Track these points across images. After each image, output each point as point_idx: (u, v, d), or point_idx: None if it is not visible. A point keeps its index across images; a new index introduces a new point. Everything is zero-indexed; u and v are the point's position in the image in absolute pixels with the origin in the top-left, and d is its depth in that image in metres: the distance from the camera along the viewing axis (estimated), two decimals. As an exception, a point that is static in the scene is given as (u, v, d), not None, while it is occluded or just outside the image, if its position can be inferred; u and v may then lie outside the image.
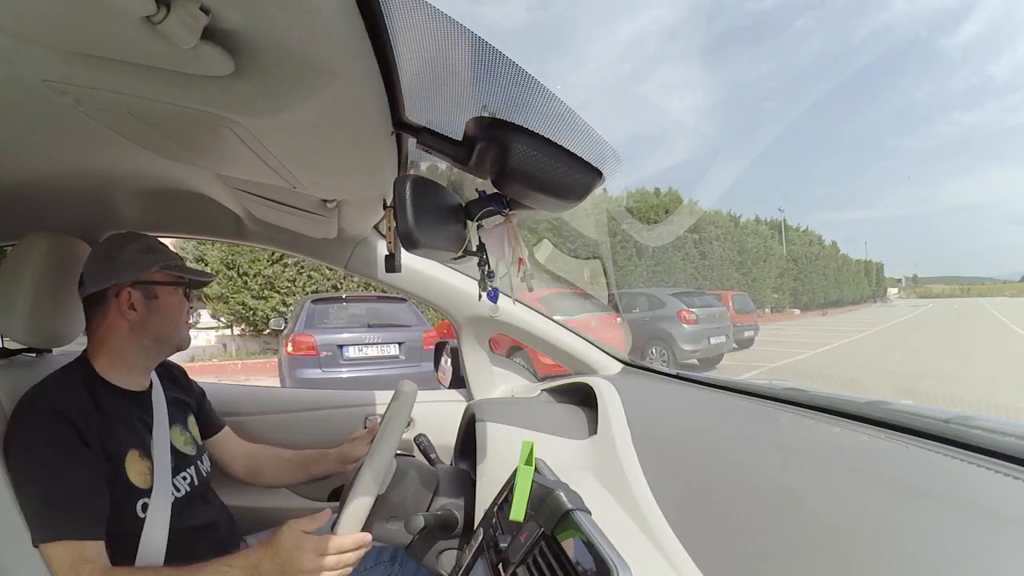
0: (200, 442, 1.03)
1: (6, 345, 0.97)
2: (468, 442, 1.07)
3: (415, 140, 0.60)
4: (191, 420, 1.02)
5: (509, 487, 0.71)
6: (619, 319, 7.96)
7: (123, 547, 0.79)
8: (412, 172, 0.75)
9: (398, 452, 0.91)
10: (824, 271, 24.13)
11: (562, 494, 0.60)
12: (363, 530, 0.82)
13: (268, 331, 8.41)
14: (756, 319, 9.99)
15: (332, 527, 0.84)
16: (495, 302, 0.74)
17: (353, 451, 1.12)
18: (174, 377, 1.06)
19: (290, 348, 4.47)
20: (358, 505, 0.81)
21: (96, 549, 0.75)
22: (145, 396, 0.93)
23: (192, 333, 1.01)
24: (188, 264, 0.97)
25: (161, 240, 0.96)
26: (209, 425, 1.10)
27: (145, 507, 0.82)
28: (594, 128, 0.53)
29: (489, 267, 0.71)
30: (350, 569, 0.78)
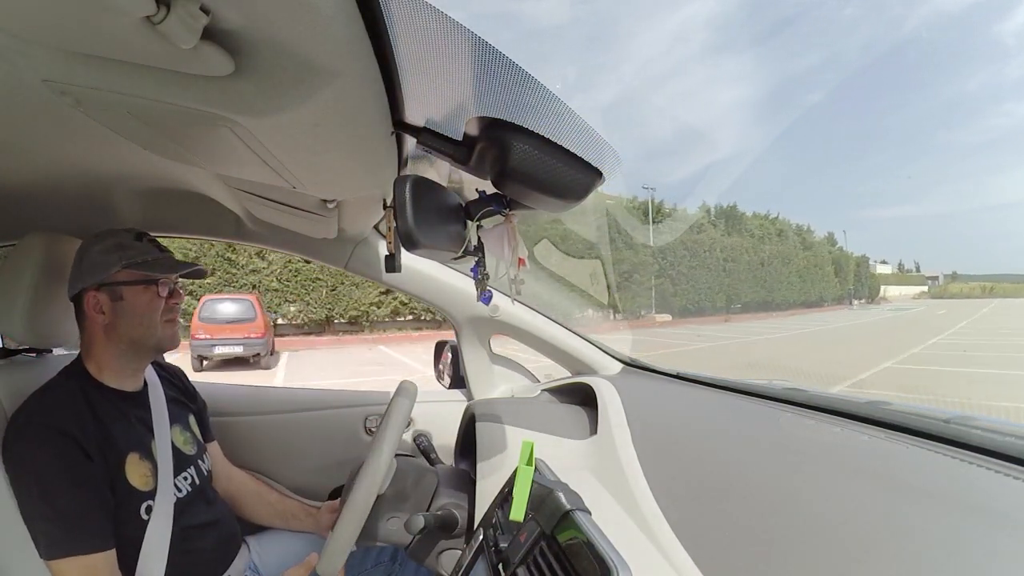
0: (202, 441, 1.02)
1: (6, 345, 0.97)
2: (468, 442, 1.07)
3: (415, 140, 0.61)
4: (192, 419, 1.02)
5: (509, 487, 0.71)
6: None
7: (125, 548, 0.79)
8: (411, 172, 0.75)
9: (398, 453, 0.91)
10: (724, 267, 19.27)
11: (562, 494, 0.60)
12: (363, 530, 0.82)
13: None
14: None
15: (332, 527, 0.84)
16: (487, 304, 0.75)
17: (325, 519, 1.08)
18: (175, 379, 1.06)
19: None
20: (358, 505, 0.81)
21: (106, 560, 0.75)
22: (142, 395, 0.92)
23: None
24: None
25: (153, 235, 0.93)
26: (204, 434, 1.08)
27: (148, 509, 0.82)
28: (594, 128, 0.53)
29: (484, 269, 0.71)
30: None
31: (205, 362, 8.46)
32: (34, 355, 0.99)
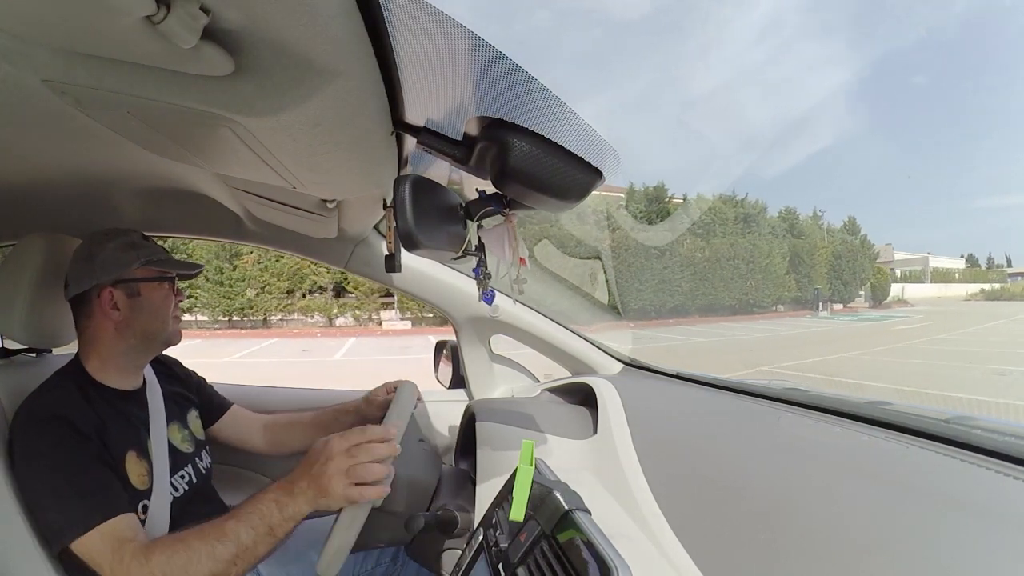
0: (201, 438, 1.02)
1: (6, 345, 0.97)
2: (468, 442, 1.07)
3: (415, 140, 0.61)
4: (191, 415, 1.02)
5: (509, 487, 0.71)
6: None
7: None
8: (411, 172, 0.75)
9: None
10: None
11: (562, 494, 0.60)
12: (360, 534, 0.82)
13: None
14: None
15: (334, 524, 0.84)
16: (490, 304, 0.75)
17: (372, 411, 1.06)
18: (171, 371, 1.05)
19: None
20: (358, 506, 0.81)
21: (130, 523, 0.73)
22: (140, 394, 0.92)
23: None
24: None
25: (145, 234, 0.94)
26: (215, 408, 1.09)
27: (144, 508, 0.82)
28: (594, 128, 0.53)
29: (486, 269, 0.71)
30: (381, 468, 0.73)
31: None
32: (34, 355, 0.99)
